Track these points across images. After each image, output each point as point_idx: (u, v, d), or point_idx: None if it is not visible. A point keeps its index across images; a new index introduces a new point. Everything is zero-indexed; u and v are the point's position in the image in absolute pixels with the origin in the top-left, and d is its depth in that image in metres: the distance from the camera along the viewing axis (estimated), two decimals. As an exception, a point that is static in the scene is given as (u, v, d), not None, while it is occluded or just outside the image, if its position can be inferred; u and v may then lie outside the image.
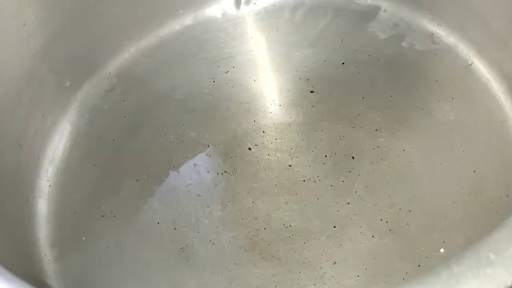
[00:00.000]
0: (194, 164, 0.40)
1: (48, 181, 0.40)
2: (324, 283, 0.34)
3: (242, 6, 0.48)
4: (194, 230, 0.37)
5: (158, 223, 0.37)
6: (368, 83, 0.42)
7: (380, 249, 0.34)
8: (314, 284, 0.33)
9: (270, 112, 0.42)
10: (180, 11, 0.47)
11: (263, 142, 0.40)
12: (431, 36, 0.44)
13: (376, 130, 0.39)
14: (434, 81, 0.41)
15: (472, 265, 0.20)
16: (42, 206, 0.39)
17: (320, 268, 0.34)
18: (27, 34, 0.38)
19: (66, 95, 0.43)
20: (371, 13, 0.46)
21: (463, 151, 0.38)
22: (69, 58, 0.43)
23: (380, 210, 0.36)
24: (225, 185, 0.38)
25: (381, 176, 0.37)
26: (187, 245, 0.36)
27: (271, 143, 0.40)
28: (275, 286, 0.34)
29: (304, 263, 0.34)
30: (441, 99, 0.40)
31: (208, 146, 0.40)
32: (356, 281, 0.33)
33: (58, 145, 0.42)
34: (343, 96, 0.41)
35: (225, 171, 0.39)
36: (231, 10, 0.48)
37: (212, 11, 0.48)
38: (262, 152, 0.39)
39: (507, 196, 0.35)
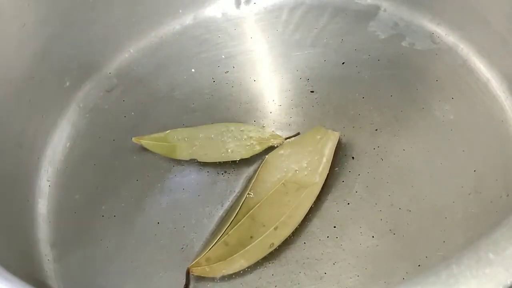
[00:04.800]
0: (194, 164, 0.39)
1: (48, 181, 0.40)
2: (324, 283, 0.33)
3: (242, 6, 0.48)
4: (194, 230, 0.37)
5: (158, 223, 0.37)
6: (368, 83, 0.42)
7: (380, 249, 0.34)
8: (314, 284, 0.33)
9: (270, 112, 0.42)
10: (180, 11, 0.47)
11: (263, 142, 0.40)
12: (431, 35, 0.44)
13: (376, 130, 0.39)
14: (434, 81, 0.41)
15: (471, 264, 0.20)
16: (42, 206, 0.39)
17: (320, 268, 0.34)
18: (27, 34, 0.38)
19: (66, 95, 0.43)
20: (371, 13, 0.46)
21: (463, 150, 0.38)
22: (69, 58, 0.43)
23: (380, 210, 0.36)
24: (225, 185, 0.38)
25: (381, 176, 0.37)
26: (187, 245, 0.36)
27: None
28: (275, 286, 0.34)
29: (304, 263, 0.34)
30: (441, 99, 0.40)
31: (208, 146, 0.40)
32: (356, 281, 0.33)
33: (58, 145, 0.42)
34: (343, 96, 0.41)
35: (225, 171, 0.39)
36: (231, 10, 0.48)
37: (212, 11, 0.48)
38: (262, 152, 0.39)
39: (507, 195, 0.35)
